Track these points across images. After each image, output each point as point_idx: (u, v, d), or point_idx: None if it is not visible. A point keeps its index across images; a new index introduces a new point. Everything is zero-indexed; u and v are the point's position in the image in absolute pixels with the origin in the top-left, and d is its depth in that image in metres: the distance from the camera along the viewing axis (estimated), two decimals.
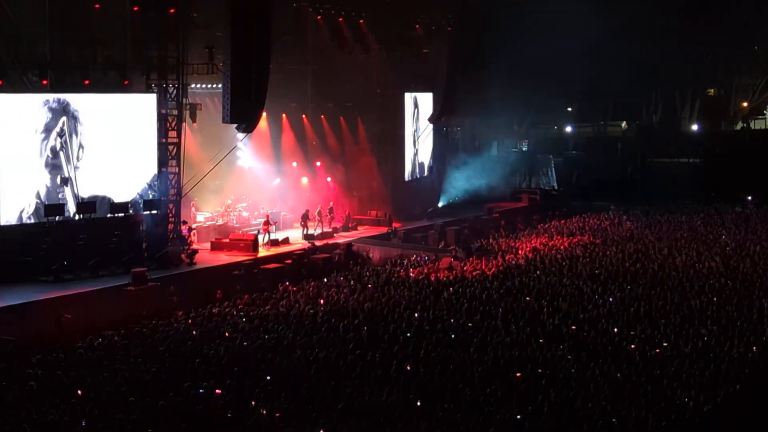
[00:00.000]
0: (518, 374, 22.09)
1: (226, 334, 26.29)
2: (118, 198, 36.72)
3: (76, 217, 35.63)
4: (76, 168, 35.89)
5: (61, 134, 35.38)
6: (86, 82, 36.26)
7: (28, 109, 34.60)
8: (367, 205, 51.11)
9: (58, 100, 35.45)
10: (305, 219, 44.97)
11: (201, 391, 20.71)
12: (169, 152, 38.48)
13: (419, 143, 56.55)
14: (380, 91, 53.50)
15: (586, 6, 58.51)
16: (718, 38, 68.98)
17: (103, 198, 36.51)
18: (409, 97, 54.77)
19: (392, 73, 53.00)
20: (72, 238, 34.96)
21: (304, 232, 44.53)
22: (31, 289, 32.25)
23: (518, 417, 19.00)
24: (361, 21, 48.29)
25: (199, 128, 42.88)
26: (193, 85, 41.63)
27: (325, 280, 35.04)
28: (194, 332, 26.89)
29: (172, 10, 37.72)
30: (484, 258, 38.96)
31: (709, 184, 60.92)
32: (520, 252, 40.24)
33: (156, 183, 37.79)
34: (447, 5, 54.31)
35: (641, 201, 56.48)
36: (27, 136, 34.52)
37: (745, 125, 78.03)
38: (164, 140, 38.35)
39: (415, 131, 56.00)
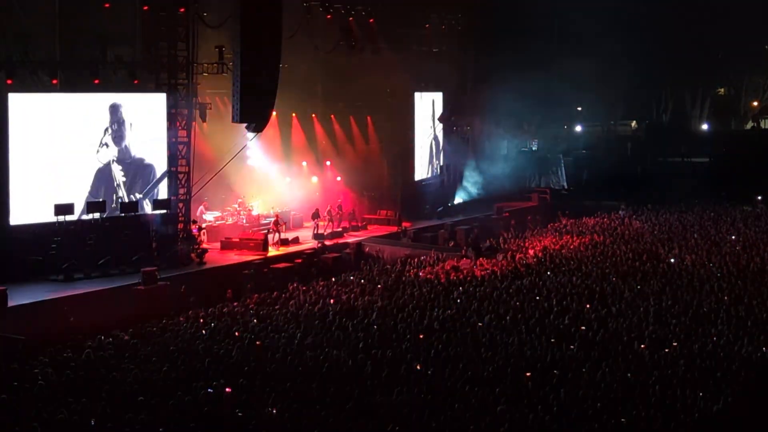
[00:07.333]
0: (528, 374, 22.11)
1: (236, 334, 26.32)
2: (128, 197, 36.76)
3: (86, 217, 35.68)
4: (86, 167, 36.02)
5: (71, 133, 35.47)
6: (96, 81, 36.29)
7: (38, 108, 34.71)
8: (377, 204, 51.09)
9: (69, 99, 35.58)
10: (315, 218, 44.99)
11: (211, 390, 20.74)
12: (179, 151, 38.55)
13: (429, 143, 56.52)
14: (390, 91, 53.44)
15: (596, 6, 58.54)
16: (728, 37, 68.86)
17: (113, 197, 36.57)
18: (419, 97, 54.76)
19: (402, 73, 52.91)
20: (82, 237, 35.04)
21: (314, 231, 44.54)
22: (41, 288, 32.32)
23: (528, 417, 18.98)
24: (371, 20, 48.26)
25: (209, 128, 42.90)
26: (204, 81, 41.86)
27: (335, 279, 35.07)
28: (204, 331, 26.95)
29: (182, 9, 37.81)
30: (494, 258, 38.92)
31: (719, 183, 60.77)
32: (530, 251, 40.19)
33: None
34: (457, 4, 54.26)
35: (651, 200, 56.34)
36: (38, 136, 34.61)
37: (755, 124, 77.97)
38: (174, 139, 38.42)
39: (426, 131, 55.95)
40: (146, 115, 37.71)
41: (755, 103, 77.78)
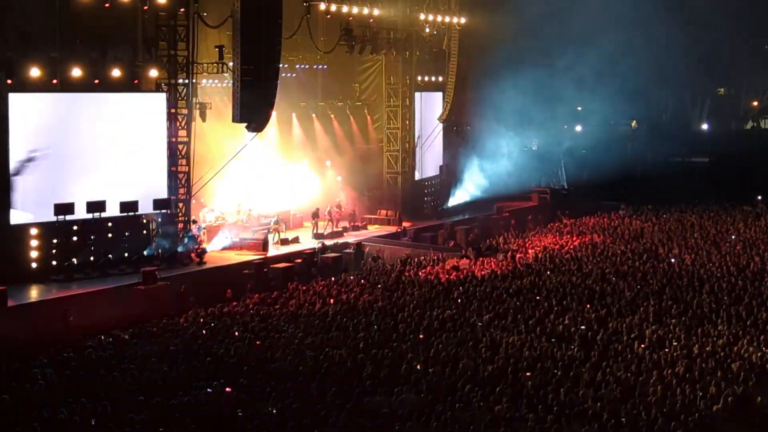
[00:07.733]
0: (528, 374, 22.11)
1: (236, 333, 26.34)
2: (128, 197, 36.71)
3: (86, 216, 35.63)
4: (86, 167, 35.98)
5: (71, 134, 35.45)
6: (96, 81, 36.25)
7: (39, 108, 34.67)
8: (377, 204, 51.04)
9: (68, 99, 35.55)
10: (315, 218, 44.95)
11: (210, 390, 20.75)
12: (179, 151, 38.52)
13: (429, 142, 56.47)
14: (390, 91, 53.45)
15: (597, 6, 58.59)
16: (728, 37, 68.89)
17: (113, 197, 36.51)
18: (419, 97, 54.70)
19: (402, 73, 52.93)
20: (82, 237, 35.01)
21: (314, 231, 44.51)
22: (41, 288, 32.33)
23: (528, 417, 18.99)
24: (371, 20, 48.25)
25: (209, 128, 42.85)
26: (204, 81, 41.81)
27: (335, 279, 35.06)
28: (204, 331, 26.95)
29: (182, 10, 37.78)
30: (494, 257, 38.93)
31: (719, 183, 60.76)
32: (530, 251, 40.21)
33: None
34: (457, 4, 54.23)
35: (651, 200, 56.34)
36: (39, 136, 34.57)
37: (755, 124, 78.01)
38: (174, 139, 38.37)
39: (425, 130, 55.90)
40: (146, 115, 37.63)
41: (755, 103, 77.81)
